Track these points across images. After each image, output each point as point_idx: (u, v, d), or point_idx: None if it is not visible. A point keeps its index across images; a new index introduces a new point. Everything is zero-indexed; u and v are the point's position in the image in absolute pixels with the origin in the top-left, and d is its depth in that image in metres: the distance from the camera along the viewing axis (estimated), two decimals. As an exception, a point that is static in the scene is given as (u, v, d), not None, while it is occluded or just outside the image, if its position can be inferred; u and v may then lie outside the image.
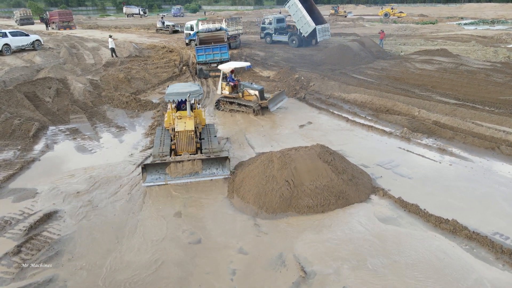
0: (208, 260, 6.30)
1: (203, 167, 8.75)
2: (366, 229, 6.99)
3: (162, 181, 8.54)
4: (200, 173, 8.71)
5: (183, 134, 9.09)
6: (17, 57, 24.23)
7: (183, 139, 9.12)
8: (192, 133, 9.12)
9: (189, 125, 9.16)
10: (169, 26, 41.30)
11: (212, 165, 8.87)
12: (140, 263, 6.24)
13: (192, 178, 8.64)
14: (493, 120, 11.91)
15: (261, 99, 13.68)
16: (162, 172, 8.60)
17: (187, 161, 8.61)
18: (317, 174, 7.91)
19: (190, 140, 9.16)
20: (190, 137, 9.14)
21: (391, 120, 12.65)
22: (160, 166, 8.60)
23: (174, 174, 8.59)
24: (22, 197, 8.32)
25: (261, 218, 7.39)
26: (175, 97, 9.22)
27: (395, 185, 8.57)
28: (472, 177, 8.90)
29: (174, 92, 9.23)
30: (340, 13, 61.06)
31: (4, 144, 11.20)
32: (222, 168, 8.89)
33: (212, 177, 8.76)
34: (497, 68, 19.54)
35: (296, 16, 28.07)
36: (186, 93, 9.12)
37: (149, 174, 8.55)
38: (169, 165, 8.58)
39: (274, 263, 6.15)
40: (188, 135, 9.11)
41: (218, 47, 19.50)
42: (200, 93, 9.47)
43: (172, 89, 9.57)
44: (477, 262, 6.07)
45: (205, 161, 8.75)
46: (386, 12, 60.08)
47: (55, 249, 6.58)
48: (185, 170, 8.62)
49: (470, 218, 7.21)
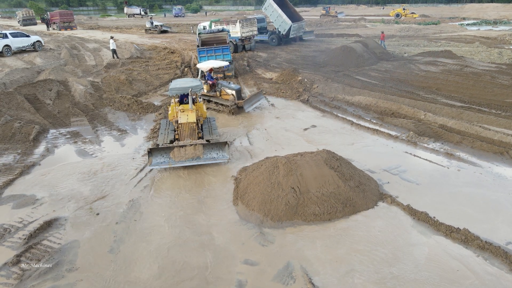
0: (214, 270, 6.11)
1: (204, 152, 9.34)
2: (374, 238, 6.80)
3: (166, 164, 9.10)
4: (202, 158, 9.28)
5: (185, 125, 9.88)
6: (17, 58, 24.10)
7: (186, 130, 9.90)
8: (194, 125, 9.91)
9: (191, 118, 9.93)
10: (158, 26, 42.02)
11: (213, 150, 9.48)
12: (143, 274, 6.06)
13: (194, 162, 9.22)
14: (501, 124, 11.72)
15: (238, 99, 14.03)
16: (166, 156, 9.18)
17: (189, 146, 9.21)
18: (324, 181, 7.72)
19: (192, 131, 9.92)
20: (192, 128, 9.92)
21: (397, 123, 12.46)
22: (165, 150, 9.21)
23: (178, 158, 9.12)
24: (22, 204, 8.14)
25: (267, 226, 7.20)
26: (178, 91, 10.03)
27: (402, 192, 8.38)
28: (481, 183, 8.70)
29: (177, 87, 10.05)
30: (331, 13, 60.80)
31: (4, 148, 11.04)
32: (222, 153, 9.50)
33: (212, 161, 9.39)
34: (502, 70, 19.33)
35: (273, 16, 29.74)
36: (188, 88, 9.95)
37: (155, 158, 9.12)
38: (173, 149, 9.16)
39: (282, 275, 5.96)
40: (190, 127, 9.90)
41: (221, 49, 19.33)
42: (201, 88, 10.28)
43: (175, 84, 10.35)
44: (490, 273, 5.88)
45: (206, 146, 9.39)
46: (398, 13, 59.09)
47: (55, 259, 6.40)
48: (188, 154, 9.16)
49: (481, 227, 7.01)
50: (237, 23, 26.11)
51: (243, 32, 26.38)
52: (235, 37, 26.35)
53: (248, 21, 27.40)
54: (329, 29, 45.17)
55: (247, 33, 26.93)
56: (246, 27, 26.80)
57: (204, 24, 28.33)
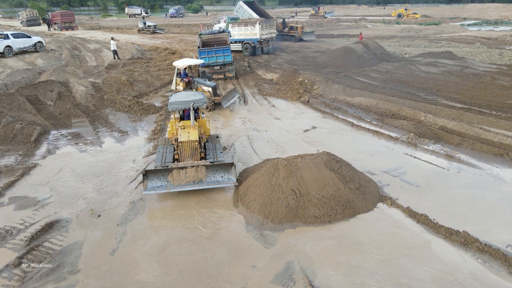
0: (214, 272, 6.14)
1: (208, 175, 8.34)
2: (374, 240, 6.82)
3: (164, 188, 8.09)
4: (205, 181, 8.26)
5: (186, 144, 8.70)
6: (19, 59, 24.16)
7: (187, 149, 8.73)
8: (196, 143, 8.72)
9: (193, 135, 8.80)
10: (150, 27, 42.22)
11: (217, 173, 8.44)
12: (144, 275, 6.10)
13: (196, 186, 8.19)
14: (501, 126, 11.73)
15: (214, 96, 14.45)
16: (164, 179, 8.21)
17: (190, 168, 8.20)
18: (324, 183, 7.75)
19: (194, 151, 8.76)
20: (194, 148, 8.74)
21: (397, 125, 12.48)
22: (162, 173, 8.21)
23: (177, 181, 8.15)
24: (23, 205, 8.19)
25: (267, 228, 7.23)
26: (178, 106, 8.83)
27: (402, 194, 8.41)
28: (481, 185, 8.72)
29: (177, 101, 8.84)
30: (320, 13, 61.26)
31: (6, 149, 11.09)
32: (227, 175, 8.44)
33: (217, 185, 8.31)
34: (503, 71, 19.34)
35: (245, 16, 30.79)
36: (190, 102, 8.77)
37: (151, 181, 8.14)
38: (172, 172, 8.18)
39: (282, 277, 5.99)
40: (192, 146, 8.71)
41: (221, 50, 19.34)
42: (204, 101, 9.08)
43: (176, 97, 9.19)
44: (490, 276, 5.90)
45: (210, 168, 8.35)
46: (400, 13, 59.23)
47: (57, 260, 6.44)
48: (189, 177, 8.19)
49: (481, 229, 7.03)
50: (256, 24, 25.10)
51: (262, 34, 25.29)
52: (254, 39, 25.53)
53: (267, 23, 26.15)
54: (330, 30, 45.21)
55: (266, 35, 25.87)
56: (265, 28, 25.72)
57: (220, 25, 27.79)
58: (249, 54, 26.02)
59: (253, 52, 25.84)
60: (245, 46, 26.16)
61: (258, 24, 24.81)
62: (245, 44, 26.09)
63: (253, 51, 25.83)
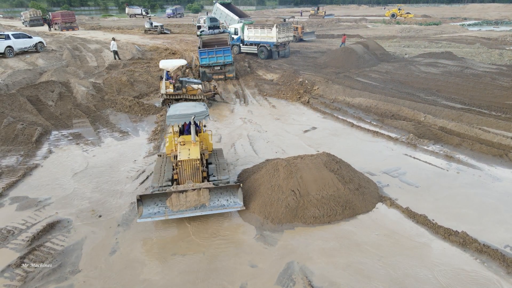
0: (215, 272, 6.19)
1: (211, 198, 7.48)
2: (374, 240, 6.87)
3: (161, 215, 7.21)
4: (208, 206, 7.44)
5: (186, 163, 7.78)
6: (19, 59, 24.21)
7: (187, 169, 7.82)
8: (198, 162, 7.82)
9: (194, 153, 7.88)
10: (157, 27, 41.69)
11: (222, 196, 7.59)
12: (145, 275, 6.14)
13: (198, 212, 7.37)
14: (500, 126, 11.76)
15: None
16: (162, 204, 7.34)
17: (191, 191, 7.30)
18: (324, 184, 7.79)
19: (195, 171, 7.85)
20: (195, 167, 7.82)
21: (397, 125, 12.53)
22: (160, 197, 7.30)
23: (176, 207, 7.30)
24: (25, 206, 8.24)
25: (267, 229, 7.28)
26: (177, 120, 8.04)
27: (402, 194, 8.45)
28: (480, 186, 8.76)
29: (177, 114, 8.06)
30: (320, 13, 61.90)
31: (7, 149, 11.13)
32: (233, 198, 7.61)
33: (222, 210, 7.45)
34: (502, 72, 19.37)
35: (223, 17, 31.46)
36: (190, 115, 7.98)
37: (146, 207, 7.24)
38: (171, 196, 7.28)
39: (282, 277, 6.03)
40: (192, 165, 7.80)
41: (222, 50, 19.40)
42: (206, 114, 8.27)
43: (175, 110, 8.39)
44: (488, 276, 5.94)
45: (213, 190, 7.50)
46: (393, 13, 59.80)
47: (58, 261, 6.49)
48: (190, 202, 7.33)
49: (480, 230, 7.08)
50: (273, 27, 23.91)
51: (279, 38, 24.22)
52: (270, 42, 24.50)
53: (285, 26, 25.00)
54: (330, 30, 45.23)
55: (283, 39, 24.81)
56: (282, 32, 24.59)
57: (236, 26, 27.10)
58: (264, 58, 25.21)
59: (269, 55, 25.00)
60: (261, 49, 25.38)
61: (275, 28, 23.84)
62: (261, 47, 25.30)
63: (269, 55, 25.00)
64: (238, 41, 26.82)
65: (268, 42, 24.61)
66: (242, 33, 26.30)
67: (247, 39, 25.92)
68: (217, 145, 11.32)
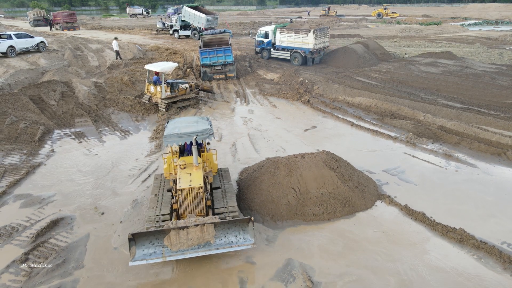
0: (215, 268, 6.30)
1: (217, 234, 6.34)
2: (372, 237, 6.97)
3: (158, 256, 6.05)
4: (213, 243, 6.28)
5: (188, 192, 6.62)
6: (21, 59, 24.32)
7: (189, 198, 6.67)
8: (201, 191, 6.66)
9: (196, 180, 6.73)
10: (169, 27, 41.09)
11: (230, 231, 6.42)
12: (145, 272, 6.25)
13: (202, 251, 6.19)
14: (499, 125, 11.86)
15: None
16: (158, 243, 6.16)
17: (193, 227, 6.15)
18: (323, 182, 7.90)
19: (198, 200, 6.72)
20: (198, 196, 6.69)
21: (396, 124, 12.62)
22: (156, 235, 6.14)
23: (176, 246, 6.14)
24: (28, 203, 8.35)
25: (267, 226, 7.39)
26: (176, 140, 7.03)
27: (401, 192, 8.55)
28: (478, 184, 8.86)
29: (175, 133, 7.04)
30: (331, 13, 62.20)
31: (10, 148, 11.25)
32: (243, 234, 6.43)
33: (229, 248, 6.28)
34: (502, 71, 19.45)
35: (191, 18, 33.36)
36: (192, 134, 6.98)
37: (140, 247, 6.06)
38: (169, 233, 6.10)
39: (282, 273, 6.15)
40: (195, 194, 6.66)
41: (222, 50, 19.50)
42: (210, 132, 7.23)
43: (173, 127, 7.32)
44: (485, 272, 6.04)
45: (220, 225, 6.37)
46: (379, 13, 60.91)
47: (62, 256, 6.60)
48: (192, 240, 6.18)
49: (477, 227, 7.19)
50: (310, 32, 21.79)
51: (315, 44, 22.15)
52: (305, 49, 22.34)
53: (321, 31, 22.79)
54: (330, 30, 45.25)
55: (319, 45, 22.84)
56: (319, 37, 22.54)
57: (267, 29, 24.67)
58: (298, 64, 23.07)
59: (303, 62, 22.93)
60: (294, 55, 23.24)
61: (312, 33, 21.72)
62: (294, 53, 23.17)
63: (303, 61, 22.94)
64: (269, 45, 24.52)
65: (303, 48, 22.46)
66: (274, 36, 24.00)
67: (279, 43, 23.74)
68: (217, 145, 11.44)
